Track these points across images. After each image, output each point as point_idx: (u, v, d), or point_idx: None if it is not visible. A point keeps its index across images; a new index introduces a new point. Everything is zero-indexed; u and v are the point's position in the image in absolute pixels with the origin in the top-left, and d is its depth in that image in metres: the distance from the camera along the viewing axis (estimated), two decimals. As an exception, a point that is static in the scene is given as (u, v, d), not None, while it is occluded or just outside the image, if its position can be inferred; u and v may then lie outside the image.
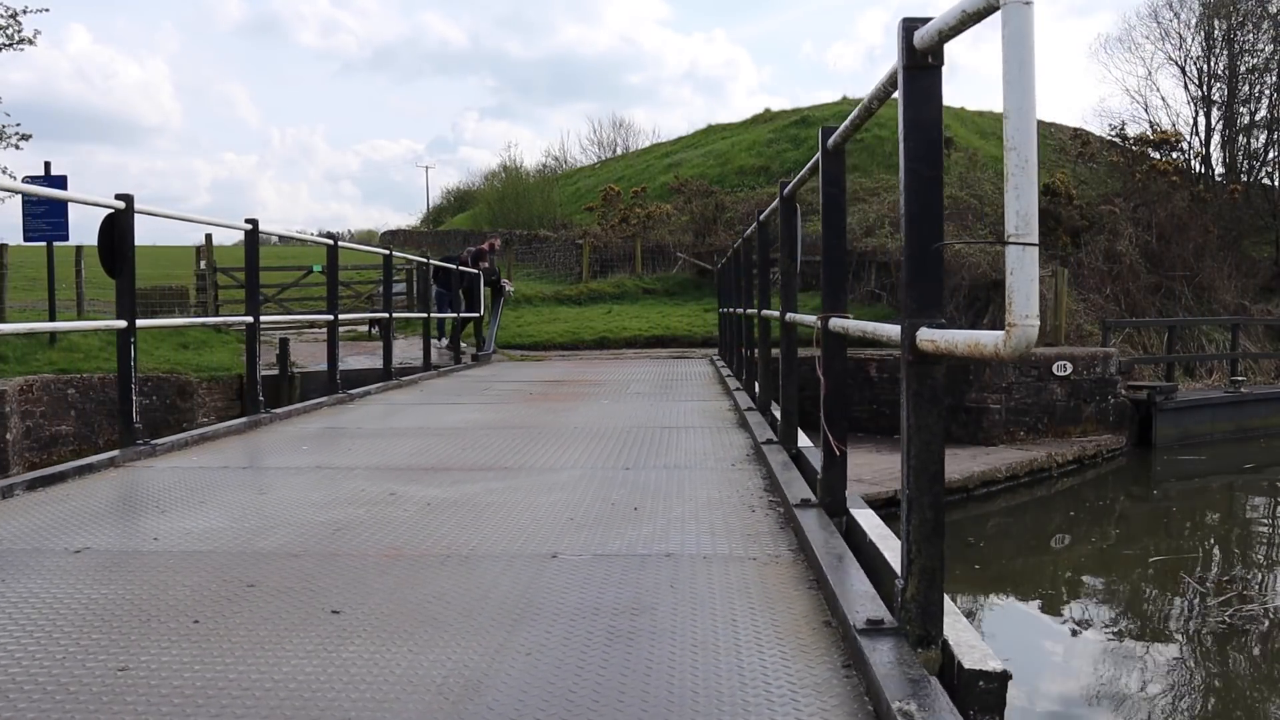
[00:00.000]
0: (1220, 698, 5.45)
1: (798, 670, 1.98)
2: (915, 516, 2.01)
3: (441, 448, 5.28)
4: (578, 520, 3.35)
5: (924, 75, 2.06)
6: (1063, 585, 7.86)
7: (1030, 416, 12.63)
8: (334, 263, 8.73)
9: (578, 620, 2.30)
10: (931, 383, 2.01)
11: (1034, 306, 1.61)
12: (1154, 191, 20.16)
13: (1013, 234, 1.60)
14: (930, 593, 1.98)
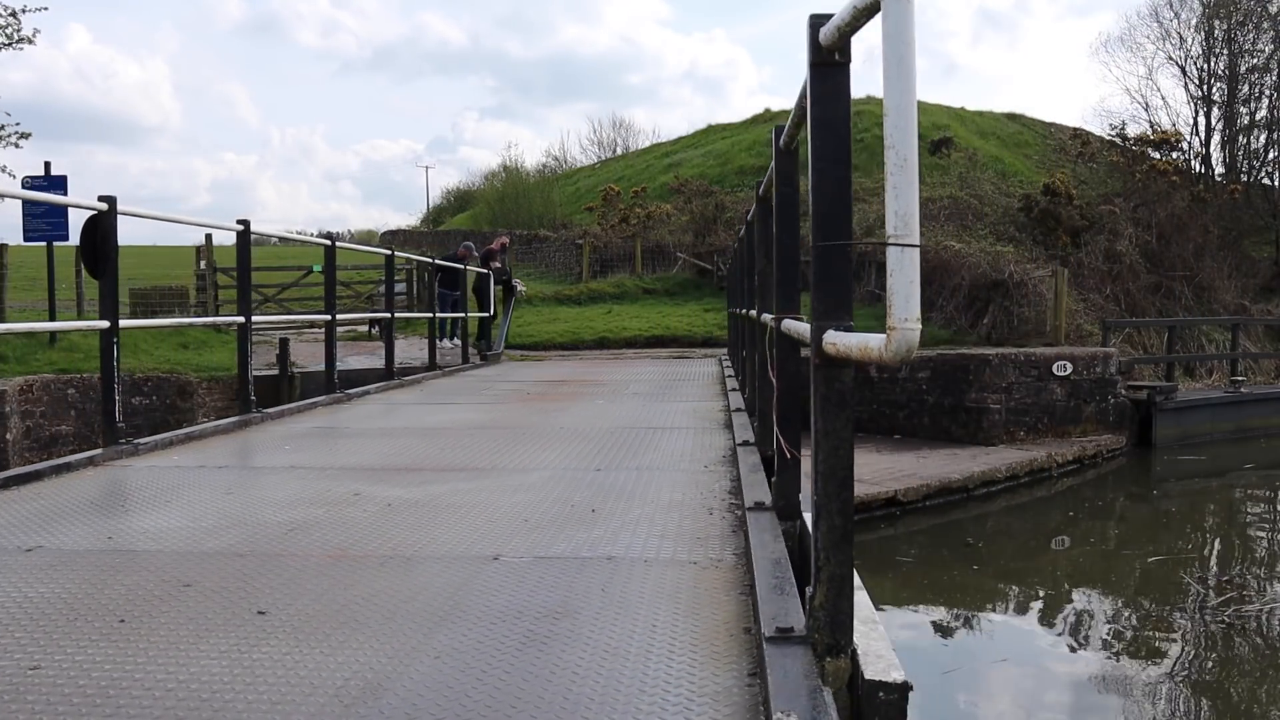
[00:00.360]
0: (1220, 697, 5.46)
1: (702, 678, 1.96)
2: (824, 523, 1.97)
3: (422, 448, 5.29)
4: (532, 522, 3.33)
5: (831, 72, 2.02)
6: (1063, 585, 7.86)
7: (1030, 416, 12.63)
8: (331, 263, 8.76)
9: (499, 624, 2.29)
10: (839, 386, 1.95)
11: (914, 309, 1.58)
12: (1154, 191, 20.17)
13: (892, 235, 1.58)
14: (839, 601, 1.95)
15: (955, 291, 16.80)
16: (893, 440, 12.60)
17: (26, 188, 12.38)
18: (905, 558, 8.40)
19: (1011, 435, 12.44)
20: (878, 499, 9.46)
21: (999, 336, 16.02)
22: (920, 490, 9.79)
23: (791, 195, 3.26)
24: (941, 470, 10.56)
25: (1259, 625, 6.48)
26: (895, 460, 11.18)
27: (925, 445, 12.24)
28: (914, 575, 7.89)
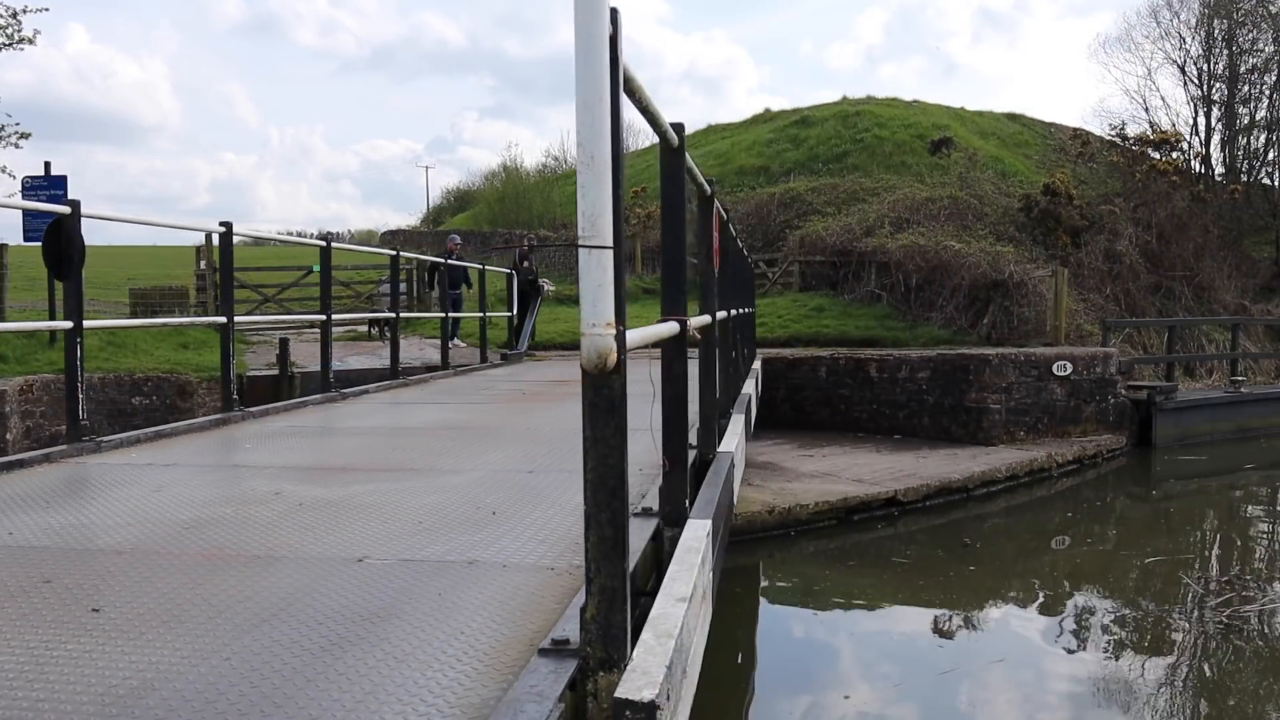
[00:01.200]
0: (1220, 697, 5.46)
1: (468, 689, 1.92)
2: (594, 534, 1.92)
3: (376, 448, 5.33)
4: (425, 524, 3.31)
5: None
6: (1061, 585, 7.86)
7: (1030, 416, 12.63)
8: (327, 263, 8.86)
9: (318, 626, 2.29)
10: (607, 392, 1.89)
11: (604, 314, 1.54)
12: (1154, 191, 20.17)
13: (581, 236, 1.54)
14: (612, 614, 1.91)
15: (955, 291, 16.80)
16: (893, 440, 12.61)
17: (26, 188, 12.39)
18: (902, 558, 8.40)
19: (1011, 435, 12.44)
20: (878, 499, 9.46)
21: (999, 336, 16.03)
22: (920, 490, 9.79)
23: (677, 196, 3.20)
24: (941, 470, 10.56)
25: (1259, 625, 6.48)
26: (895, 460, 11.18)
27: (925, 445, 12.24)
28: (912, 575, 7.89)
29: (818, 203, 22.15)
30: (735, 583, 7.60)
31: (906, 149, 24.75)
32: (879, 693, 5.52)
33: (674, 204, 3.20)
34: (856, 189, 22.31)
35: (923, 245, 17.48)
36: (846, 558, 8.47)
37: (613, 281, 1.54)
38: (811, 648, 6.51)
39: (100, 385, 10.19)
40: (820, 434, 12.86)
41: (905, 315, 16.98)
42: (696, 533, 3.03)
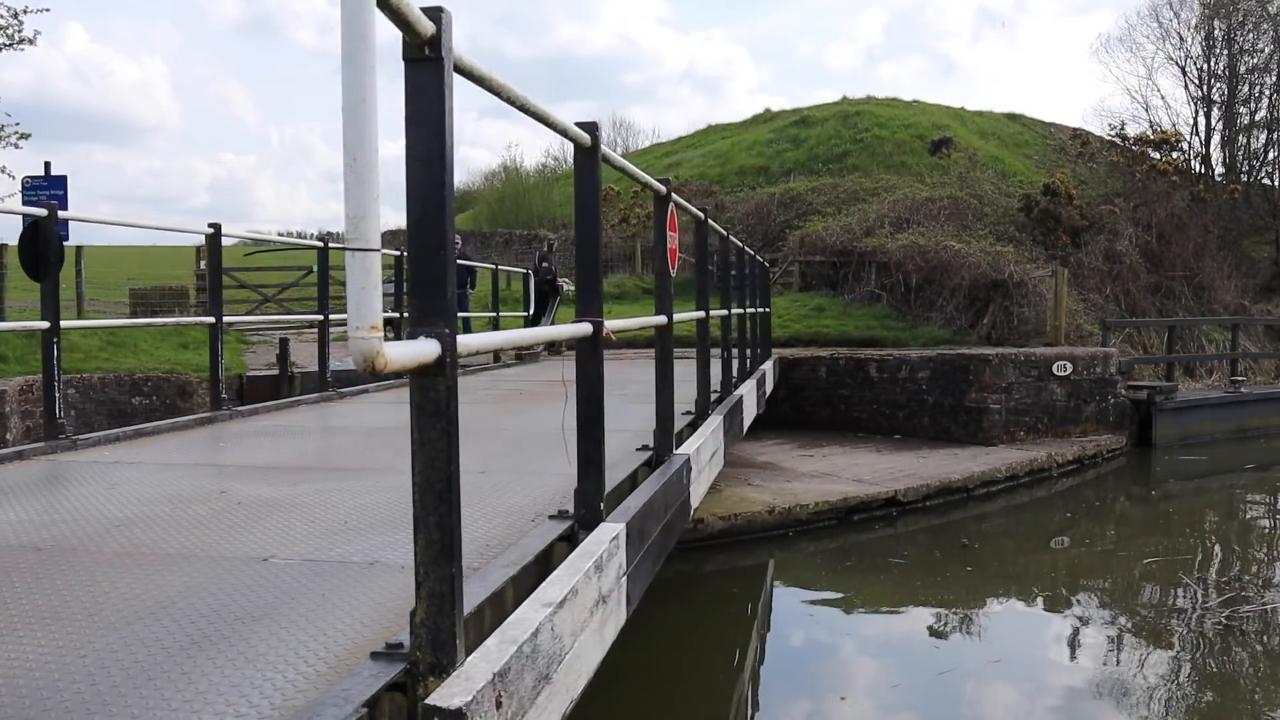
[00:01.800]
0: (1219, 698, 5.46)
1: (290, 693, 1.91)
2: (422, 537, 1.92)
3: (344, 447, 5.38)
4: (350, 524, 3.32)
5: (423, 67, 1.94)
6: (1060, 586, 7.86)
7: (1030, 416, 12.63)
8: (324, 264, 8.96)
9: (183, 624, 2.29)
10: (433, 395, 1.88)
11: (369, 316, 1.53)
12: (1154, 191, 20.17)
13: (347, 239, 1.52)
14: (440, 619, 1.91)
15: (955, 291, 16.80)
16: (893, 440, 12.61)
17: (27, 188, 12.42)
18: (901, 559, 8.40)
19: (1011, 435, 12.44)
20: (877, 499, 9.46)
21: (999, 336, 16.03)
22: (920, 490, 9.79)
23: (591, 196, 3.20)
24: (941, 470, 10.56)
25: (1259, 626, 6.48)
26: (895, 460, 11.18)
27: (925, 445, 12.24)
28: (910, 576, 7.89)
29: (818, 203, 22.15)
30: (733, 583, 7.61)
31: (906, 149, 24.74)
32: (876, 693, 5.52)
33: (587, 205, 3.19)
34: (856, 189, 22.30)
35: (923, 245, 17.49)
36: (846, 558, 8.47)
37: (376, 284, 1.53)
38: (809, 648, 6.51)
39: (100, 385, 10.19)
40: (820, 434, 12.87)
41: (905, 315, 16.98)
42: (600, 537, 3.02)
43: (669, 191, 4.56)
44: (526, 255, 27.69)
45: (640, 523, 3.45)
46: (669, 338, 4.54)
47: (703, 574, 7.76)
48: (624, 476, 4.08)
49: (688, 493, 4.63)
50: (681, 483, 4.46)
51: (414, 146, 1.94)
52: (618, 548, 3.07)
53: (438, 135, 1.94)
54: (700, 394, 6.04)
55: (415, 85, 1.94)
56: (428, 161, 1.94)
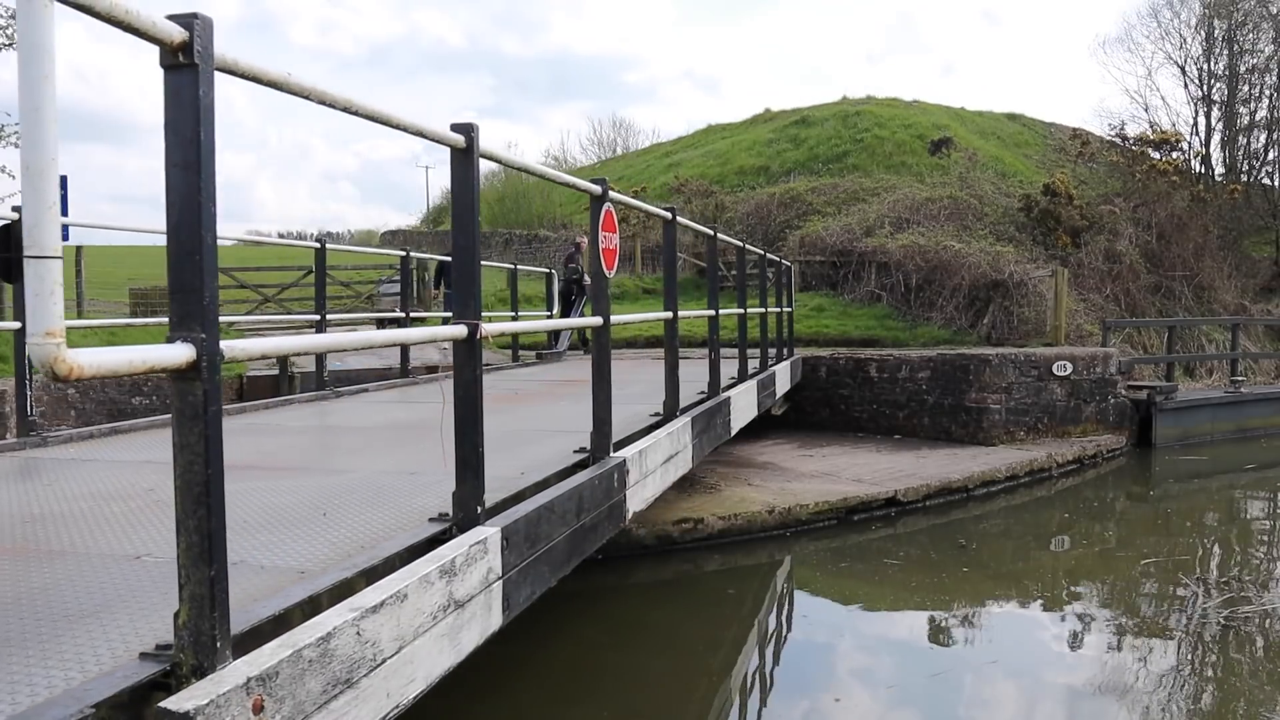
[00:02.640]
0: (1219, 699, 5.45)
1: (47, 694, 1.92)
2: (183, 540, 1.95)
3: (303, 447, 5.44)
4: (250, 524, 3.34)
5: (177, 73, 1.93)
6: (1058, 586, 7.85)
7: (1030, 416, 12.63)
8: (322, 264, 9.07)
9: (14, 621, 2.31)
10: (191, 399, 1.90)
11: (48, 322, 1.52)
12: (1154, 191, 20.18)
13: (26, 248, 1.53)
14: (201, 621, 1.93)
15: (955, 291, 16.81)
16: (893, 440, 12.61)
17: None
18: (900, 559, 8.41)
19: (1011, 435, 12.44)
20: (877, 499, 9.46)
21: (999, 336, 16.03)
22: (920, 490, 9.79)
23: (468, 197, 3.21)
24: (941, 470, 10.56)
25: (1259, 626, 6.48)
26: (895, 460, 11.18)
27: (925, 445, 12.24)
28: (908, 576, 7.89)
29: (818, 203, 22.15)
30: (729, 583, 7.60)
31: (906, 149, 24.75)
32: (872, 694, 5.51)
33: (464, 208, 3.20)
34: (856, 189, 22.31)
35: (923, 245, 17.49)
36: (844, 558, 8.47)
37: (53, 290, 1.53)
38: (805, 648, 6.51)
39: (100, 385, 10.18)
40: (820, 434, 12.87)
41: (905, 315, 16.99)
42: (464, 540, 3.03)
43: (604, 192, 4.56)
44: (526, 255, 27.70)
45: (531, 526, 3.46)
46: (606, 338, 4.58)
47: (702, 574, 7.76)
48: (540, 479, 4.07)
49: (621, 496, 4.60)
50: (611, 486, 4.45)
51: (171, 152, 1.94)
52: (484, 552, 3.06)
53: (194, 141, 1.93)
54: (669, 395, 6.02)
55: (170, 91, 1.93)
56: (184, 167, 1.94)
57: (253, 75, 2.20)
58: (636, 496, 4.91)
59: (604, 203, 4.55)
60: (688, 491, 9.21)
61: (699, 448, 6.46)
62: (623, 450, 4.80)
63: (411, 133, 2.87)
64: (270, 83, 2.25)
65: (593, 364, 4.60)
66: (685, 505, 8.67)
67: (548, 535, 3.64)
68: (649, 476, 5.17)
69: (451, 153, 3.17)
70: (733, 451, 11.11)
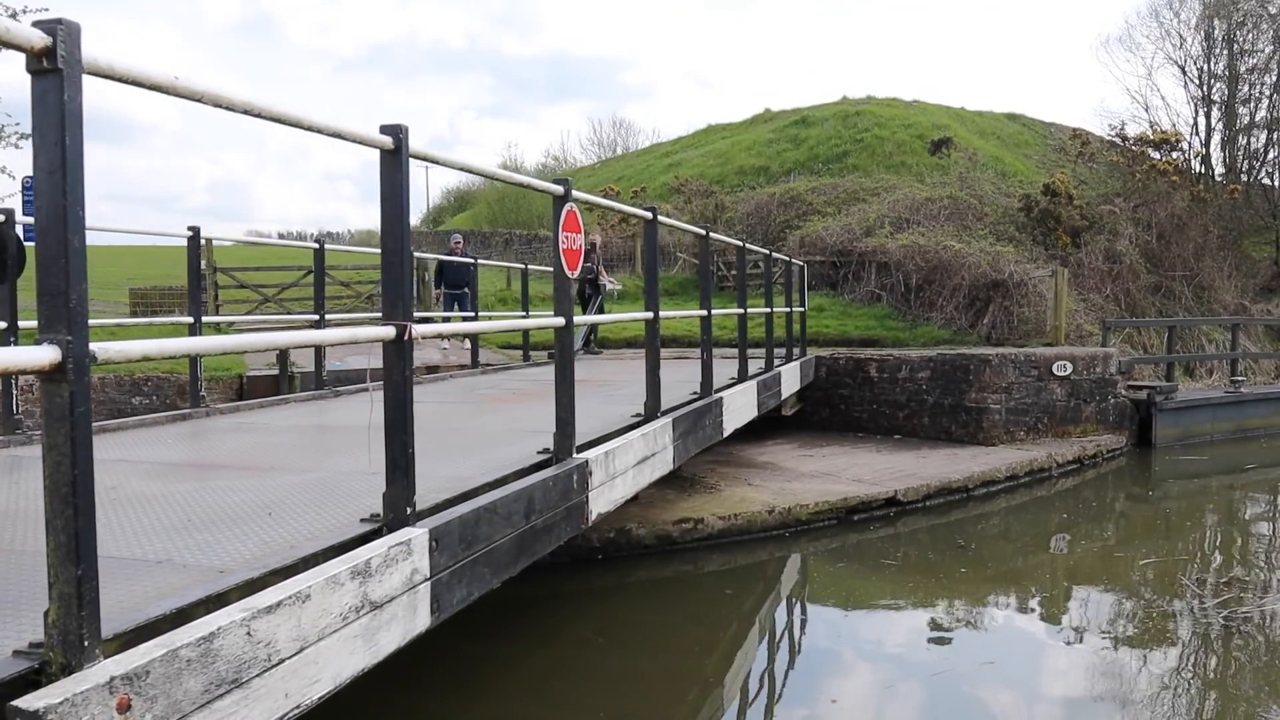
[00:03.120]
0: (1218, 700, 5.46)
1: None
2: (51, 540, 1.98)
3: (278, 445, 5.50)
4: (193, 523, 3.38)
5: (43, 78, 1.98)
6: (1056, 586, 7.86)
7: (1030, 416, 12.64)
8: (321, 265, 9.20)
9: None
10: (58, 400, 1.94)
11: None
12: (1154, 191, 20.18)
13: None
14: (69, 620, 1.97)
15: (955, 291, 16.81)
16: (893, 440, 12.61)
17: (27, 187, 12.42)
18: (898, 559, 8.41)
19: (1011, 435, 12.44)
20: (877, 499, 9.46)
21: (999, 336, 16.03)
22: (920, 490, 9.79)
23: (394, 199, 3.23)
24: (941, 470, 10.56)
25: (1258, 627, 6.48)
26: (895, 460, 11.18)
27: (925, 445, 12.24)
28: (906, 576, 7.89)
29: (818, 203, 22.15)
30: (728, 584, 7.60)
31: (906, 149, 24.76)
32: (868, 696, 5.51)
33: (393, 208, 3.22)
34: (856, 189, 22.31)
35: (923, 245, 17.49)
36: (845, 558, 8.47)
37: None
38: (803, 649, 6.50)
39: (100, 386, 10.19)
40: (820, 434, 12.87)
41: (905, 315, 16.99)
42: (385, 542, 3.05)
43: (566, 193, 4.56)
44: (526, 255, 27.69)
45: (468, 527, 3.47)
46: (568, 338, 4.59)
47: (701, 575, 7.76)
48: (491, 479, 4.08)
49: (582, 498, 4.60)
50: (570, 487, 4.45)
51: (38, 155, 1.98)
52: (408, 553, 3.08)
53: (59, 145, 1.97)
54: (649, 397, 6.02)
55: (36, 96, 1.99)
56: (50, 171, 1.98)
57: (131, 79, 2.20)
58: (602, 498, 4.89)
59: (565, 203, 4.56)
60: (688, 491, 9.21)
61: (683, 449, 6.44)
62: (588, 451, 4.78)
63: (328, 134, 2.86)
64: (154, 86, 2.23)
65: (556, 367, 4.61)
66: (685, 505, 8.67)
67: (489, 536, 3.64)
68: (618, 478, 5.14)
69: (381, 155, 3.17)
70: (733, 451, 11.12)
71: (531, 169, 37.83)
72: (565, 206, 4.53)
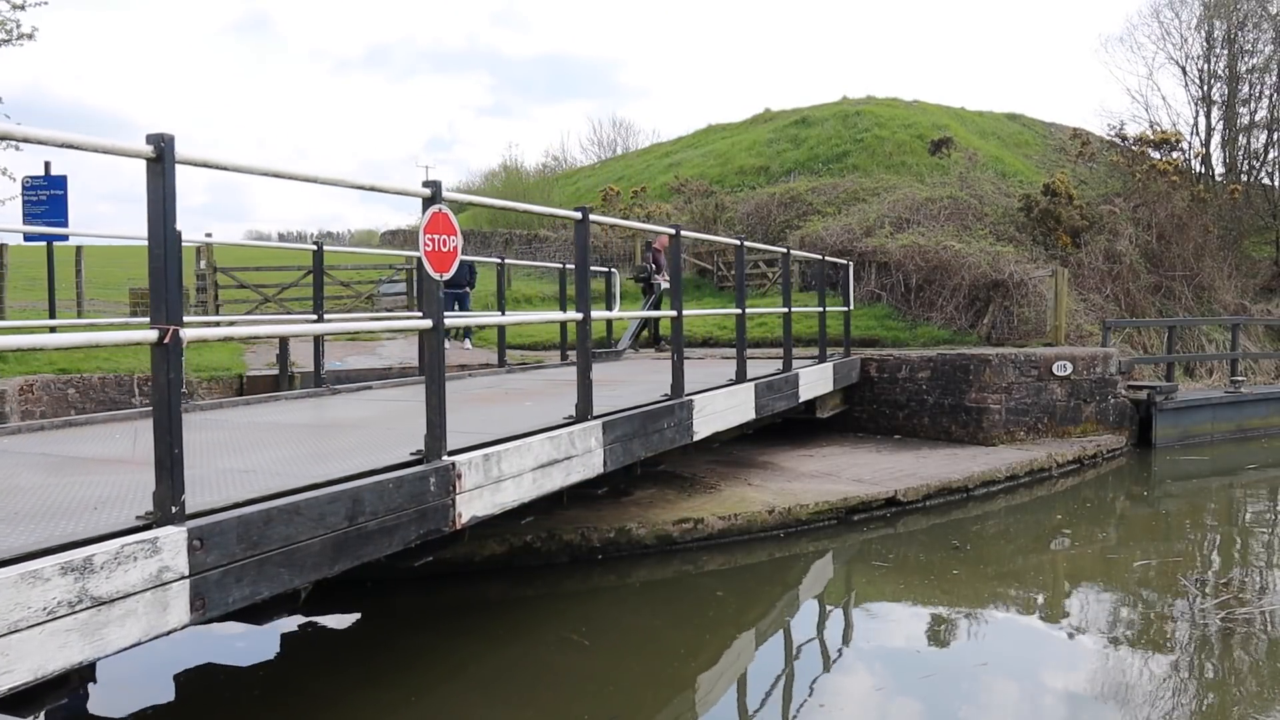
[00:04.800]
0: (1215, 700, 5.45)
1: None
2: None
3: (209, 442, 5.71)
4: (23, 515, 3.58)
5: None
6: (1052, 587, 7.85)
7: (1030, 416, 12.64)
8: (320, 266, 9.30)
9: None
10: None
11: None
12: (1154, 191, 20.16)
13: None
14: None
15: (955, 291, 16.80)
16: (893, 440, 12.61)
17: (27, 188, 12.43)
18: (892, 560, 8.41)
19: (1011, 435, 12.45)
20: (877, 499, 9.46)
21: (999, 336, 16.03)
22: (920, 490, 9.79)
23: (158, 207, 3.29)
24: (941, 470, 10.56)
25: (1258, 627, 6.47)
26: (895, 460, 11.18)
27: (925, 445, 12.24)
28: (904, 577, 7.89)
29: (818, 203, 22.15)
30: (718, 584, 7.58)
31: (906, 149, 24.75)
32: (859, 698, 5.50)
33: (157, 219, 3.29)
34: (856, 189, 22.30)
35: (923, 245, 17.48)
36: (844, 558, 8.47)
37: None
38: (793, 651, 6.48)
39: (100, 385, 10.20)
40: (820, 434, 12.86)
41: (905, 315, 16.98)
42: (120, 541, 3.14)
43: (434, 194, 4.57)
44: (527, 255, 27.69)
45: (253, 528, 3.54)
46: (437, 341, 4.60)
47: (696, 575, 7.75)
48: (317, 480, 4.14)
49: (446, 500, 4.61)
50: (426, 489, 4.47)
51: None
52: (153, 551, 3.17)
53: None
54: (580, 399, 6.01)
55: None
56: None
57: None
58: (480, 501, 4.89)
59: (434, 204, 4.55)
60: (688, 492, 9.21)
61: (621, 452, 6.36)
62: (463, 455, 4.78)
63: (89, 150, 3.08)
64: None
65: (427, 370, 4.65)
66: (686, 505, 8.68)
67: (287, 537, 3.70)
68: (508, 480, 5.11)
69: (147, 164, 3.27)
70: (733, 451, 11.12)
71: (532, 169, 37.82)
72: (433, 208, 4.53)
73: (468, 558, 7.39)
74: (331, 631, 6.49)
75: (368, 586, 6.91)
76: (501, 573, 7.46)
